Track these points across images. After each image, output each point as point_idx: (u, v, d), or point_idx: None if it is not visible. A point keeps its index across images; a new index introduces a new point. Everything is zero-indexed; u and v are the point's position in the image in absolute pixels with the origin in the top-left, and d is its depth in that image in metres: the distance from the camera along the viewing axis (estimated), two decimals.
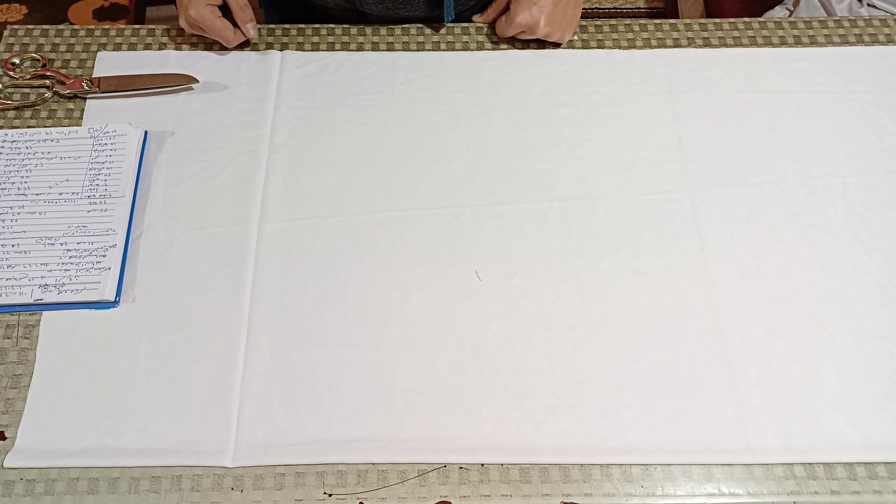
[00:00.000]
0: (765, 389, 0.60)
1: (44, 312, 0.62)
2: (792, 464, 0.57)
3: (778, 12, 1.38)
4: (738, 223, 0.67)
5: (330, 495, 0.56)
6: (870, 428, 0.58)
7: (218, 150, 0.70)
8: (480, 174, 0.69)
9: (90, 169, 0.68)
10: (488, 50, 0.77)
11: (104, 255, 0.63)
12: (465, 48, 0.77)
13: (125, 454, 0.57)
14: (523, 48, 0.77)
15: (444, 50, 0.77)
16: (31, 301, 0.61)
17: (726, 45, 0.78)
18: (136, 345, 0.61)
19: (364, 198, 0.68)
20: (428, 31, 0.78)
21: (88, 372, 0.60)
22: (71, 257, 0.63)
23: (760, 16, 1.36)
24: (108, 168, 0.68)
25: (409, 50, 0.77)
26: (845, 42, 0.79)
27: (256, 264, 0.64)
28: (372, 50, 0.77)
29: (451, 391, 0.59)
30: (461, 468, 0.57)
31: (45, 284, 0.62)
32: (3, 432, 0.58)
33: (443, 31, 0.78)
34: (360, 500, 0.56)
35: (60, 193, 0.67)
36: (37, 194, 0.67)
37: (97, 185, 0.67)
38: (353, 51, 0.77)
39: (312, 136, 0.71)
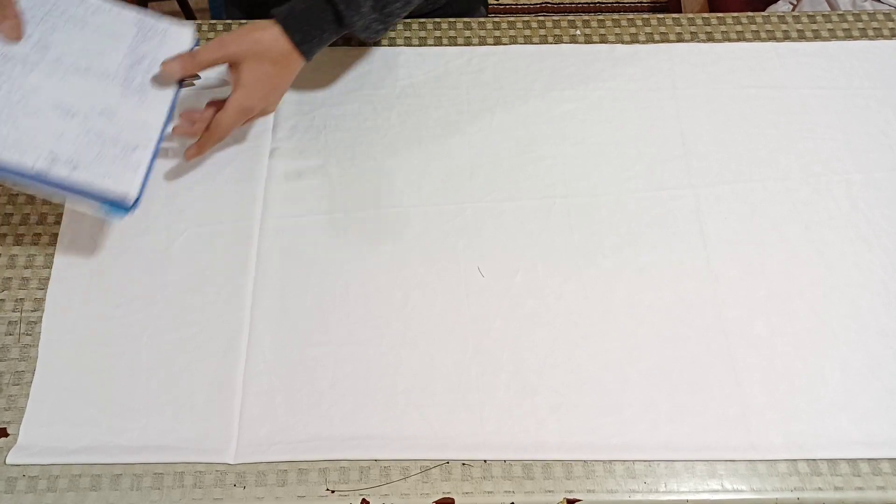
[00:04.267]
0: (768, 387, 0.60)
1: (46, 308, 0.62)
2: (795, 460, 0.57)
3: (781, 6, 1.37)
4: (742, 220, 0.67)
5: (332, 492, 0.56)
6: (873, 425, 0.58)
7: (219, 146, 0.70)
8: (483, 171, 0.69)
9: (130, 55, 0.59)
10: (490, 45, 0.77)
11: (134, 150, 0.56)
12: (468, 43, 0.77)
13: (127, 451, 0.57)
14: (525, 43, 0.77)
15: (445, 45, 0.77)
16: (34, 168, 0.53)
17: (729, 40, 0.78)
18: (138, 342, 0.61)
19: (366, 194, 0.68)
20: (430, 26, 0.78)
21: (90, 369, 0.60)
22: (95, 136, 0.55)
23: (763, 10, 1.35)
24: (150, 61, 0.60)
25: (410, 45, 0.77)
26: (849, 36, 0.78)
27: (258, 261, 0.64)
28: (374, 45, 0.77)
29: (453, 389, 0.59)
30: (464, 464, 0.57)
31: (56, 156, 0.53)
32: (5, 429, 0.58)
33: (445, 25, 0.78)
34: (363, 497, 0.56)
35: (89, 67, 0.58)
36: (60, 56, 0.57)
37: (135, 75, 0.59)
38: (354, 46, 0.76)
39: (314, 132, 0.71)
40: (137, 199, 0.56)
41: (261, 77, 0.60)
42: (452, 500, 0.56)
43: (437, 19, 0.78)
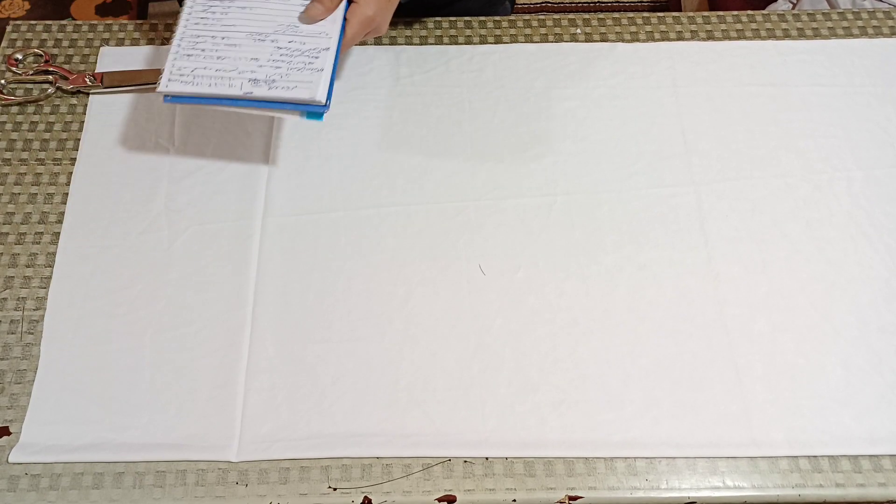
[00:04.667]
0: (769, 384, 0.60)
1: (48, 307, 0.62)
2: (797, 457, 0.57)
3: (781, 5, 1.37)
4: (743, 217, 0.67)
5: (335, 489, 0.56)
6: (875, 422, 0.58)
7: (220, 146, 0.70)
8: (484, 169, 0.69)
9: None
10: (491, 44, 0.77)
11: (316, 57, 0.61)
12: (468, 42, 0.77)
13: (130, 449, 0.57)
14: (526, 41, 0.77)
15: (447, 44, 0.77)
16: (240, 94, 0.60)
17: (730, 38, 0.78)
18: (140, 340, 0.61)
19: (367, 192, 0.68)
20: (430, 24, 0.78)
21: (92, 367, 0.60)
22: (282, 55, 0.62)
23: (763, 9, 1.36)
24: None
25: (412, 44, 0.77)
26: (849, 35, 0.78)
27: (260, 259, 0.64)
28: (375, 44, 0.77)
29: (454, 386, 0.59)
30: (465, 462, 0.57)
31: (255, 79, 0.60)
32: (7, 427, 0.58)
33: (445, 24, 0.78)
34: (365, 495, 0.56)
35: None
36: None
37: None
38: (355, 45, 0.76)
39: (315, 130, 0.71)
40: (328, 102, 0.61)
41: None
42: (454, 497, 0.56)
43: (438, 18, 0.78)
